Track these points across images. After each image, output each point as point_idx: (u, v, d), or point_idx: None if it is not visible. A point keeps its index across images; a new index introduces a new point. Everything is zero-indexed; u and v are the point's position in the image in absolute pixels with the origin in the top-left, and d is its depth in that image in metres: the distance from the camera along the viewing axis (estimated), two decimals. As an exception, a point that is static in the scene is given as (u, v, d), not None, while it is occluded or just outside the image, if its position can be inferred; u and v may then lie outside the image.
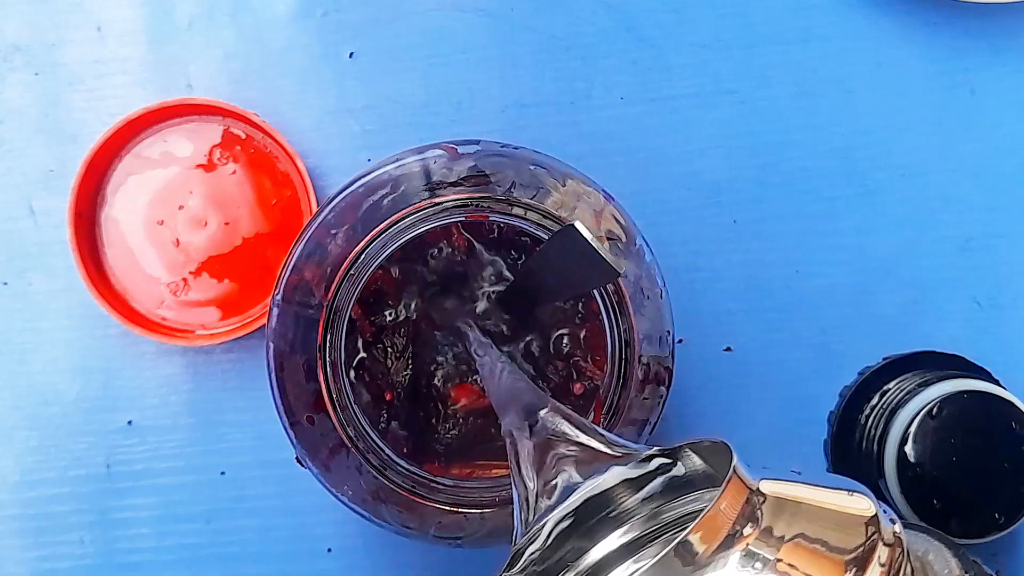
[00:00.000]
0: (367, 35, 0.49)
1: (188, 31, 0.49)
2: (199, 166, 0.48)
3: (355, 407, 0.37)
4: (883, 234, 0.49)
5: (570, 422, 0.30)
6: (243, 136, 0.48)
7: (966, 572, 0.26)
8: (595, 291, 0.37)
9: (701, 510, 0.24)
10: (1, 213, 0.49)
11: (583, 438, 0.30)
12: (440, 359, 0.40)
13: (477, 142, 0.39)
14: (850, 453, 0.47)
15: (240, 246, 0.48)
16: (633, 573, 0.24)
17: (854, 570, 0.24)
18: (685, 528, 0.24)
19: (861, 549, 0.25)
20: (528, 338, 0.40)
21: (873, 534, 0.25)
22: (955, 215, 0.49)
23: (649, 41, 0.50)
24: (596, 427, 0.30)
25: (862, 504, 0.26)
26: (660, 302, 0.38)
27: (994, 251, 0.49)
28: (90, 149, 0.47)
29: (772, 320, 0.49)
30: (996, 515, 0.43)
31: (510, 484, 0.33)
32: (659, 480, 0.29)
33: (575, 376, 0.39)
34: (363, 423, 0.37)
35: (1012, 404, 0.43)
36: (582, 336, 0.39)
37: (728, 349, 0.49)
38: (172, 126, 0.48)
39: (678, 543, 0.23)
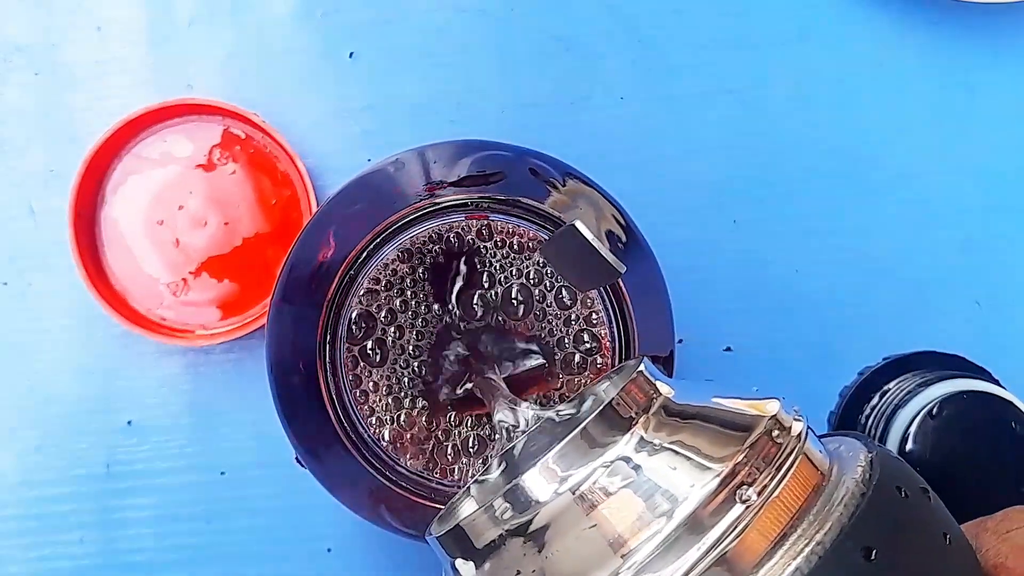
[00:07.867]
0: (367, 35, 0.49)
1: (188, 31, 0.49)
2: (199, 166, 0.48)
3: (355, 406, 0.37)
4: (883, 234, 0.49)
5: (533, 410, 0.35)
6: (243, 136, 0.48)
7: (870, 452, 0.28)
8: (595, 291, 0.37)
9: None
10: (1, 213, 0.49)
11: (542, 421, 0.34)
12: (440, 358, 0.39)
13: (477, 142, 0.39)
14: (850, 453, 0.47)
15: (240, 246, 0.48)
16: (544, 458, 0.27)
17: (746, 451, 0.26)
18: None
19: (755, 436, 0.27)
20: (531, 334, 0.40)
21: (772, 427, 0.27)
22: (955, 215, 0.49)
23: (649, 41, 0.50)
24: (547, 407, 0.35)
25: (769, 405, 0.29)
26: (660, 302, 0.38)
27: (994, 251, 0.49)
28: (90, 149, 0.47)
29: (772, 320, 0.49)
30: (996, 515, 0.43)
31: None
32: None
33: (575, 372, 0.39)
34: (362, 423, 0.37)
35: (1012, 404, 0.43)
36: (583, 334, 0.39)
37: (728, 349, 0.49)
38: (172, 126, 0.48)
39: (582, 428, 0.27)
